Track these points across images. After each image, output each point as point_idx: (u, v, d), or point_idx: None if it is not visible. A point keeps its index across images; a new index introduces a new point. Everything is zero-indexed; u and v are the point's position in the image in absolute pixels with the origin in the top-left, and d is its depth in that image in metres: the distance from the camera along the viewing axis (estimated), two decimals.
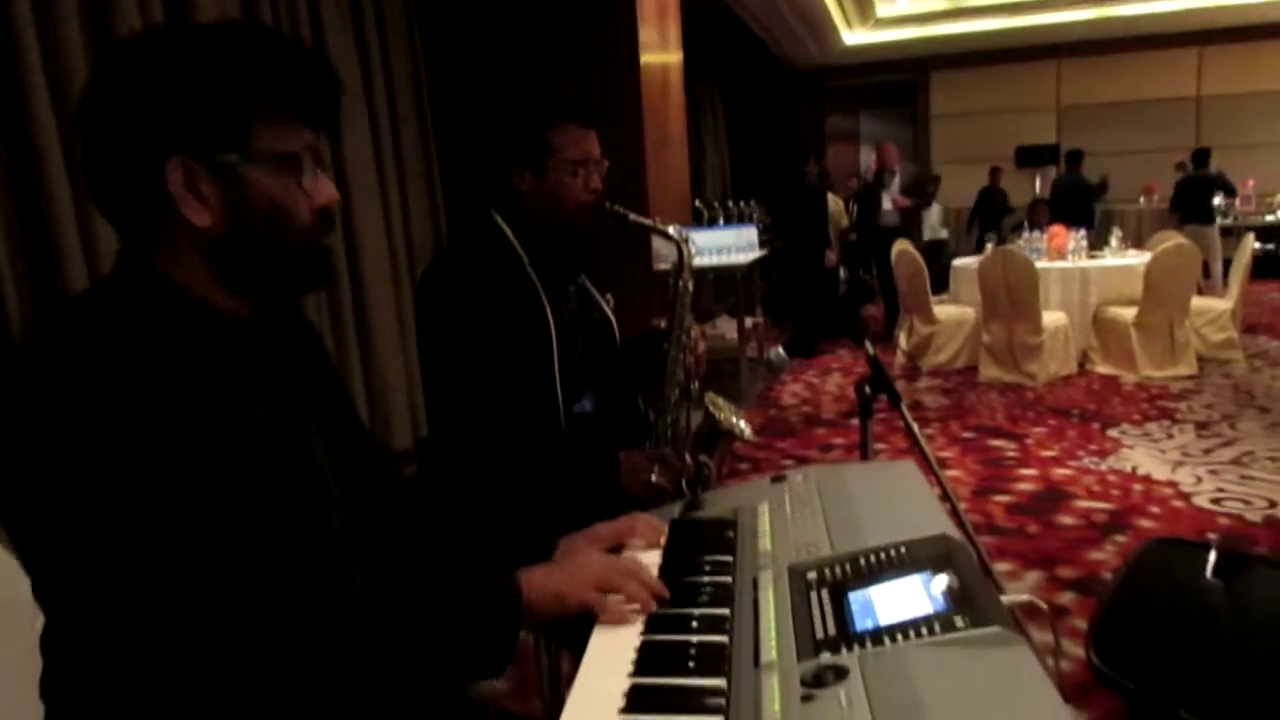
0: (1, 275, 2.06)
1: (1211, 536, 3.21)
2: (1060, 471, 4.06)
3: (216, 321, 0.98)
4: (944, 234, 9.22)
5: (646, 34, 5.26)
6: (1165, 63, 11.82)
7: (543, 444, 1.74)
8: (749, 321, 6.40)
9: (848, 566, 1.03)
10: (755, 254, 6.23)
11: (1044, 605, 1.05)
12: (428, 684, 1.09)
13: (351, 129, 3.75)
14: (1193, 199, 9.08)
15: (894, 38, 11.30)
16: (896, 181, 8.01)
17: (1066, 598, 2.82)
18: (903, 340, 6.63)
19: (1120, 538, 3.27)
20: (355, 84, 3.79)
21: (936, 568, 0.98)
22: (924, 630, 0.86)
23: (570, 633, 1.49)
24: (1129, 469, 4.02)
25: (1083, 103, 12.24)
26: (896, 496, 1.24)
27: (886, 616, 0.91)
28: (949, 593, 0.92)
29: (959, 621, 0.86)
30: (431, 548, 1.29)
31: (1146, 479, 3.89)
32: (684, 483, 1.75)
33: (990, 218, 9.95)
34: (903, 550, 1.04)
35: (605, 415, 1.90)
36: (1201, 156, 9.33)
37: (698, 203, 7.27)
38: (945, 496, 1.32)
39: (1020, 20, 10.82)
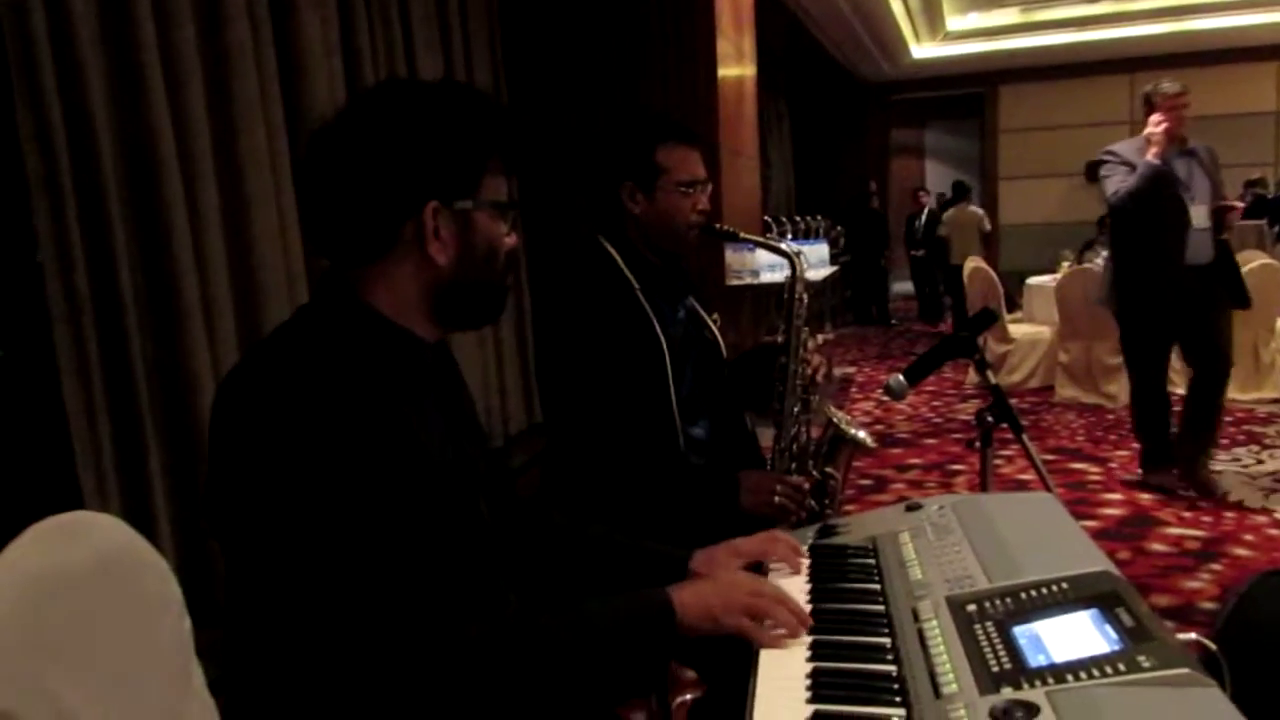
0: (118, 260, 2.12)
1: None
2: (1146, 497, 3.98)
3: (416, 347, 1.07)
4: None
5: (724, 46, 5.28)
6: (1244, 76, 11.55)
7: (663, 470, 1.76)
8: (819, 338, 6.38)
9: (1009, 600, 1.04)
10: (826, 270, 6.21)
11: (1214, 648, 1.05)
12: (578, 704, 1.12)
13: None
14: None
15: (963, 51, 11.19)
16: (1206, 180, 4.04)
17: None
18: None
19: (1215, 566, 3.21)
20: None
21: (1105, 604, 0.98)
22: (1107, 669, 0.87)
23: (690, 647, 1.50)
24: (1219, 495, 3.94)
25: None
26: (1043, 529, 1.25)
27: (1060, 653, 0.91)
28: (1126, 631, 0.92)
29: (1144, 661, 0.86)
30: (565, 563, 1.33)
31: (1238, 506, 3.80)
32: (808, 497, 1.76)
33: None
34: (1064, 585, 1.04)
35: (719, 437, 1.92)
36: None
37: (766, 218, 7.25)
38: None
39: (1093, 34, 10.64)
